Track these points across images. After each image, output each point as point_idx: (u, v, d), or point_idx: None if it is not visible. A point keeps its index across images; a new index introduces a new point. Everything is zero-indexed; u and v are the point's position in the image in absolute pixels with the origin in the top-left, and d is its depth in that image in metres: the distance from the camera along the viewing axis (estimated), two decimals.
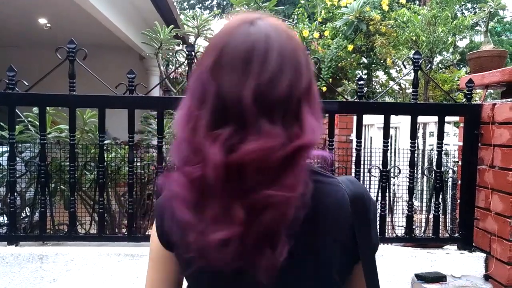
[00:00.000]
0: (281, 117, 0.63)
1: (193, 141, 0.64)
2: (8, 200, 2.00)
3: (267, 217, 0.61)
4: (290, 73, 0.65)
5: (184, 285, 0.82)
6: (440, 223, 2.15)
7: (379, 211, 2.10)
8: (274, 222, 0.62)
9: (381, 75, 8.18)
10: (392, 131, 3.78)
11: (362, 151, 2.12)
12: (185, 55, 2.04)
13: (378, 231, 1.90)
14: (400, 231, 2.19)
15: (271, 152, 0.60)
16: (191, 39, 2.86)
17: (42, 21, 6.40)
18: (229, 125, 0.62)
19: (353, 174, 2.07)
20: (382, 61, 7.18)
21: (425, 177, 2.94)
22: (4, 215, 2.15)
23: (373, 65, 7.58)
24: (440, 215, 2.15)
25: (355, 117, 2.13)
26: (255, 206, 0.61)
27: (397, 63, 6.81)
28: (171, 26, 2.66)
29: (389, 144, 2.08)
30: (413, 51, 2.12)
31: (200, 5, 20.75)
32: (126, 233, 2.08)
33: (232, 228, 0.61)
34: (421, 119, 2.78)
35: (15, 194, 2.02)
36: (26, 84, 1.98)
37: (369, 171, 2.19)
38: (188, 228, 0.65)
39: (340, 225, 0.72)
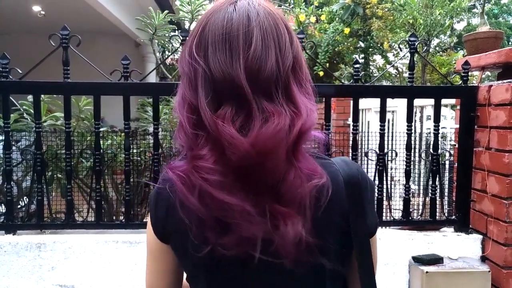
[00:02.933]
0: (275, 96, 0.62)
1: (200, 124, 0.61)
2: (5, 189, 2.00)
3: (306, 205, 0.63)
4: (273, 49, 0.63)
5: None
6: (437, 205, 2.16)
7: (376, 194, 2.11)
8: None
9: (378, 59, 8.14)
10: (389, 115, 3.78)
11: (360, 135, 2.12)
12: (180, 41, 2.01)
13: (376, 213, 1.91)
14: (397, 214, 2.20)
15: (283, 133, 0.59)
16: (187, 25, 2.83)
17: (36, 8, 6.32)
18: (227, 105, 0.60)
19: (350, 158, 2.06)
20: (379, 45, 7.14)
21: (422, 160, 2.95)
22: (1, 204, 2.15)
23: (370, 49, 7.53)
24: (437, 197, 2.15)
25: (352, 102, 2.12)
26: (294, 197, 0.62)
27: (394, 47, 6.77)
28: (166, 12, 2.63)
29: (386, 127, 2.08)
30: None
31: None
32: (123, 220, 2.08)
33: (296, 222, 0.62)
34: (418, 102, 2.77)
35: (12, 183, 2.02)
36: (20, 72, 1.96)
37: (366, 155, 2.19)
38: (235, 211, 0.60)
39: (335, 207, 0.69)
